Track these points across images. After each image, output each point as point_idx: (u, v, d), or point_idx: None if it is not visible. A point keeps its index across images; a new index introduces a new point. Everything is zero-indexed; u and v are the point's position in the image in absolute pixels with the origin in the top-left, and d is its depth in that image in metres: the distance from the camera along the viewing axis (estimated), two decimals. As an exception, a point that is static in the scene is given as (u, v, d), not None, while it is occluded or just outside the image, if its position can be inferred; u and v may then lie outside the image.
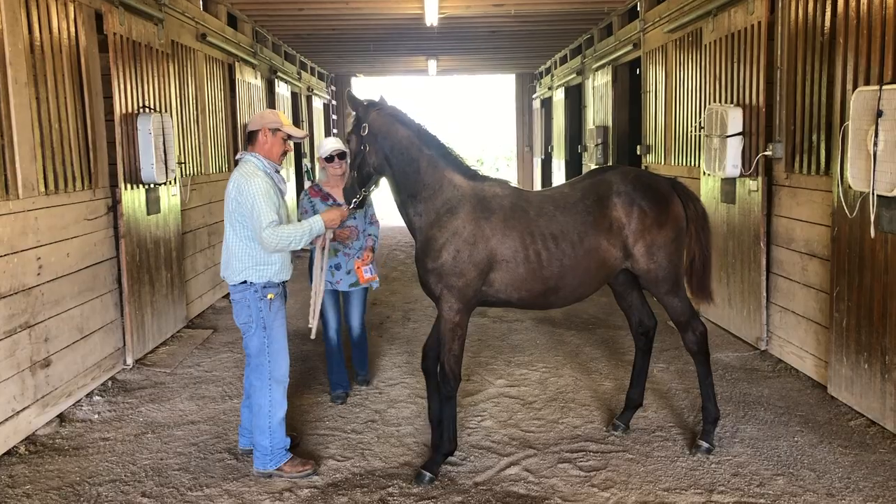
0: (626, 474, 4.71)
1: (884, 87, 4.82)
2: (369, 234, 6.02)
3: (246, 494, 4.56)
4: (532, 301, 4.84)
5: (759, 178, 7.07)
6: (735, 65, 7.56)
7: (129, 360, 7.13)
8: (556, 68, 18.27)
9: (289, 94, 15.43)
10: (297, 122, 16.28)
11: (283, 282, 4.87)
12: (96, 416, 5.96)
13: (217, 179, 10.40)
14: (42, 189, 5.80)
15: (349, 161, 4.91)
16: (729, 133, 7.37)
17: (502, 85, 23.95)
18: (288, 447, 4.83)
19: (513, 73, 22.90)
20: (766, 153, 6.92)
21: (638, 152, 11.32)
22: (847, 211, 5.40)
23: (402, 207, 4.83)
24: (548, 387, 6.38)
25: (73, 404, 6.10)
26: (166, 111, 8.24)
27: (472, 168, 4.92)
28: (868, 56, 5.32)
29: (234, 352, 7.73)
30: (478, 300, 4.78)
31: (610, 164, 12.81)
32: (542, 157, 20.41)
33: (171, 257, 8.33)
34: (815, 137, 6.26)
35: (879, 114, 4.87)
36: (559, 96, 17.60)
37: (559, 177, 17.55)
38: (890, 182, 4.80)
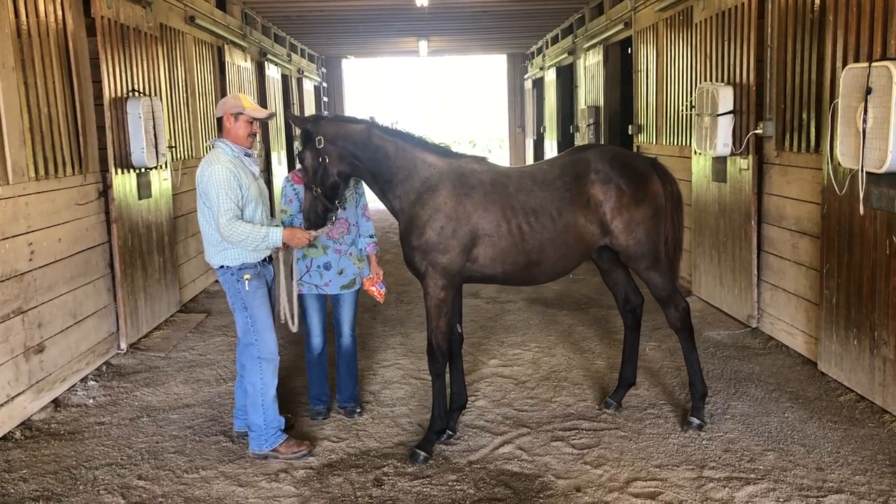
0: (619, 451, 4.75)
1: (873, 65, 4.83)
2: (369, 238, 5.37)
3: (242, 476, 4.59)
4: (516, 275, 4.89)
5: (750, 157, 7.09)
6: (726, 43, 7.56)
7: (123, 345, 7.14)
8: (547, 48, 18.21)
9: (279, 77, 15.34)
10: (287, 105, 16.19)
11: (262, 261, 4.87)
12: (91, 401, 5.98)
13: (208, 163, 10.36)
14: (32, 174, 5.79)
15: (307, 180, 4.81)
16: (720, 112, 7.38)
17: (494, 66, 23.84)
18: (283, 427, 4.86)
19: (504, 54, 22.83)
20: (756, 131, 6.93)
21: (630, 132, 11.32)
22: (837, 188, 5.43)
23: (382, 195, 4.87)
24: (541, 366, 6.42)
25: (68, 389, 6.11)
26: (155, 95, 8.20)
27: (443, 146, 4.98)
28: (857, 33, 5.33)
29: (228, 335, 7.75)
30: (462, 276, 4.81)
31: (602, 144, 12.81)
32: (535, 137, 20.38)
33: (164, 242, 8.32)
34: (805, 115, 6.28)
35: (869, 91, 4.88)
36: (551, 76, 17.56)
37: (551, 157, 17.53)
38: (879, 159, 4.82)
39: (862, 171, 4.98)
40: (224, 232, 4.55)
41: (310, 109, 19.22)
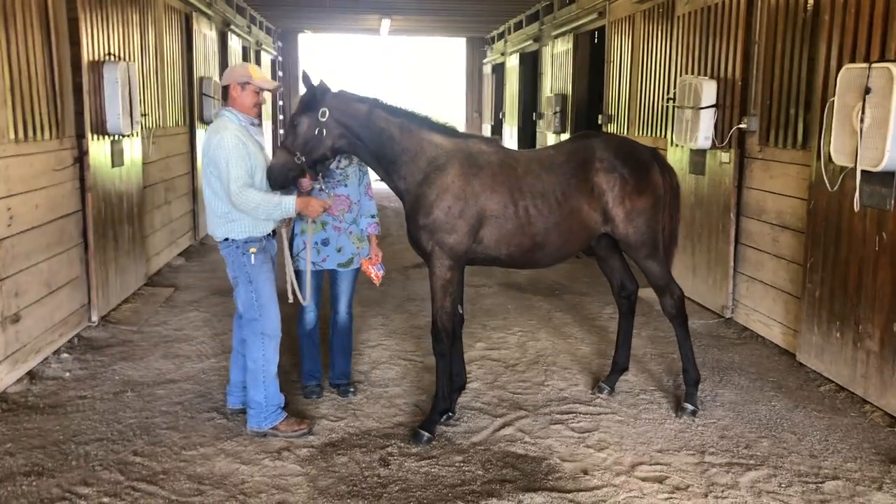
0: (619, 436, 4.82)
1: (872, 66, 4.96)
2: (371, 218, 5.27)
3: (243, 454, 4.50)
4: (520, 257, 4.88)
5: (732, 151, 7.23)
6: (710, 38, 7.67)
7: (95, 317, 6.91)
8: (509, 34, 18.21)
9: (240, 49, 14.99)
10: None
11: (267, 234, 4.77)
12: (67, 374, 5.77)
13: (175, 133, 10.09)
14: (12, 136, 5.52)
15: (291, 143, 4.64)
16: (703, 105, 7.49)
17: (452, 49, 23.75)
18: (283, 405, 4.77)
19: (464, 37, 22.73)
20: (741, 126, 7.07)
21: (599, 121, 11.42)
22: (828, 185, 5.57)
23: (387, 177, 4.81)
24: (527, 350, 6.45)
25: (42, 361, 5.89)
26: (131, 60, 7.92)
27: (450, 126, 4.94)
28: (854, 34, 5.46)
29: (201, 311, 7.57)
30: (468, 257, 4.79)
31: (568, 132, 12.90)
32: (492, 123, 20.41)
33: (133, 213, 8.07)
34: (792, 112, 6.42)
35: (867, 91, 5.01)
36: (513, 62, 17.57)
37: (510, 144, 17.59)
38: (875, 157, 4.95)
39: (857, 169, 5.12)
40: (235, 199, 4.43)
41: (266, 84, 18.81)
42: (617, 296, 5.50)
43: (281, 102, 21.23)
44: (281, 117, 20.88)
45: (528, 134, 16.45)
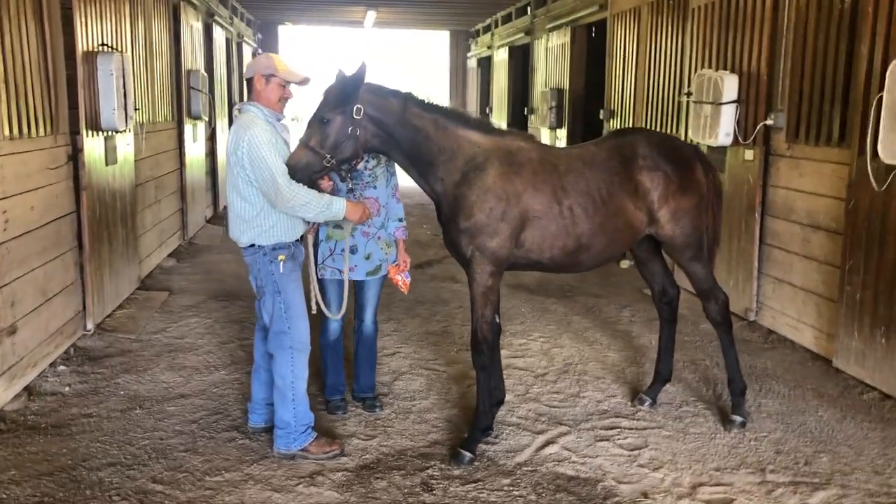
0: (671, 453, 4.53)
1: (932, 60, 4.72)
2: (398, 222, 4.94)
3: (272, 479, 4.14)
4: (563, 260, 4.58)
5: (756, 148, 6.98)
6: (731, 31, 7.41)
7: (90, 326, 6.48)
8: (496, 27, 17.89)
9: (224, 40, 14.52)
10: (228, 69, 15.32)
11: (296, 240, 4.41)
12: (67, 389, 5.36)
13: (163, 129, 9.63)
14: (7, 133, 5.09)
15: (319, 143, 4.17)
16: (723, 100, 7.23)
17: (434, 42, 23.38)
18: (312, 425, 4.41)
19: (447, 31, 22.35)
20: (767, 122, 6.82)
21: (600, 116, 11.14)
22: (875, 184, 5.33)
23: (422, 178, 4.45)
24: (553, 358, 6.15)
25: (38, 375, 5.47)
26: (123, 51, 7.47)
27: (485, 122, 4.62)
28: (904, 27, 5.22)
29: (201, 316, 7.17)
30: (509, 262, 4.48)
31: (564, 127, 12.63)
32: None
33: (126, 212, 7.63)
34: (827, 108, 6.18)
35: (924, 87, 4.78)
36: (502, 56, 17.25)
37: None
38: (933, 157, 4.72)
39: (913, 168, 4.88)
40: (286, 194, 4.05)
41: (248, 77, 18.30)
42: (658, 302, 5.21)
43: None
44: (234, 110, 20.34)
45: (518, 129, 16.12)
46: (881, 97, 5.16)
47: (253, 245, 4.27)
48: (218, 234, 11.62)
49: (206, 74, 11.61)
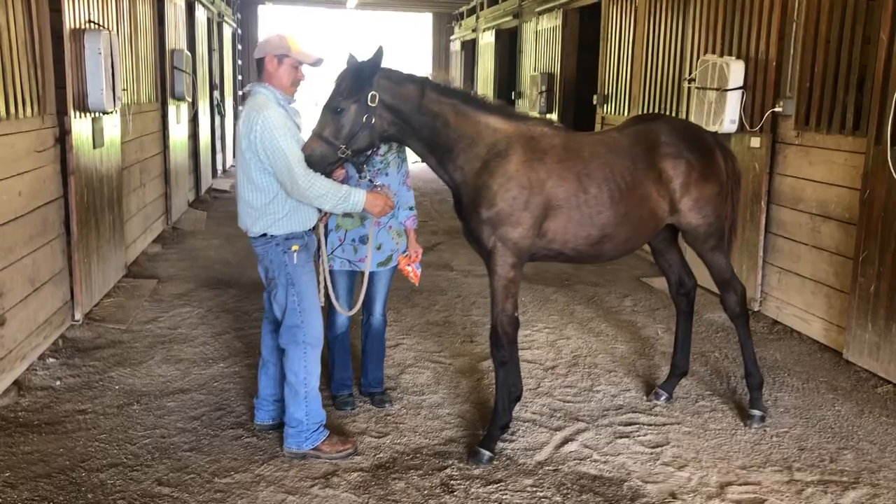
0: (694, 450, 4.40)
1: (960, 47, 4.60)
2: (409, 210, 4.72)
3: (285, 481, 3.94)
4: (586, 250, 4.41)
5: (763, 136, 6.86)
6: (737, 15, 7.26)
7: (78, 315, 6.22)
8: (482, 10, 17.64)
9: (205, 20, 14.14)
10: (209, 50, 14.93)
11: (310, 229, 4.21)
12: (58, 383, 5.11)
13: (148, 110, 9.31)
14: (-6, 113, 4.82)
15: (333, 133, 3.96)
16: (729, 87, 7.09)
17: (417, 25, 23.07)
18: (325, 423, 4.22)
19: (430, 13, 22.04)
20: (776, 109, 6.69)
21: (594, 101, 10.98)
22: (894, 174, 5.21)
23: (440, 167, 4.25)
24: (561, 350, 6.00)
25: (27, 369, 5.22)
26: (111, 29, 7.16)
27: (506, 107, 4.43)
28: (926, 13, 5.09)
29: (192, 305, 6.92)
30: (530, 254, 4.31)
31: (555, 112, 12.46)
32: (462, 101, 19.81)
33: (113, 197, 7.35)
34: (841, 95, 6.06)
35: (950, 74, 4.66)
36: (488, 39, 17.01)
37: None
38: (960, 147, 4.61)
39: (937, 158, 4.77)
40: (302, 184, 3.83)
41: (228, 57, 17.92)
42: (675, 293, 5.07)
43: (241, 77, 20.28)
44: (241, 92, 19.95)
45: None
46: (903, 85, 5.04)
47: (265, 235, 4.04)
48: (202, 218, 11.33)
49: (189, 54, 11.27)
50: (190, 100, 11.52)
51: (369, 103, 3.99)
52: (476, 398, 5.04)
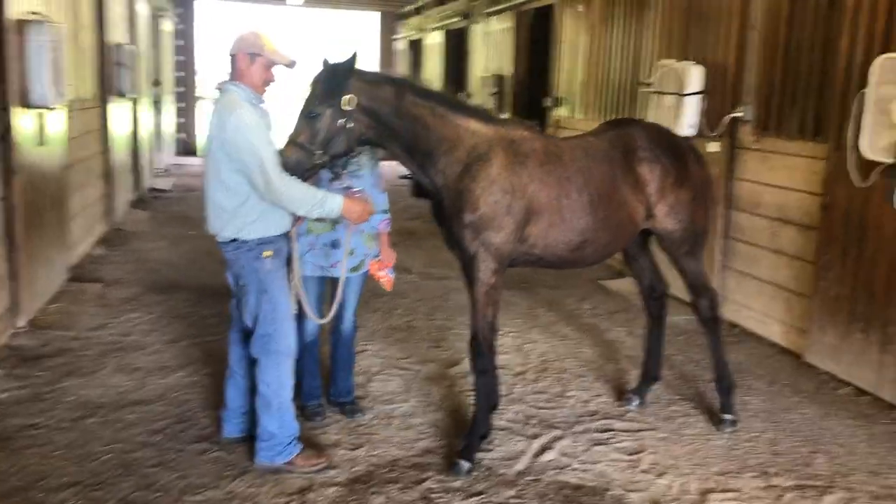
0: (671, 457, 4.38)
1: (925, 57, 4.69)
2: (383, 214, 4.56)
3: (259, 497, 3.77)
4: (567, 255, 4.36)
5: (723, 140, 6.92)
6: (696, 21, 7.33)
7: (22, 322, 5.91)
8: (429, 9, 17.53)
9: (147, 13, 13.68)
10: (150, 45, 14.45)
11: (283, 234, 4.04)
12: (5, 395, 4.82)
13: (90, 106, 8.94)
14: (-65, 108, 4.50)
15: (308, 139, 3.83)
16: (688, 91, 7.14)
17: (363, 24, 22.76)
18: (298, 435, 4.06)
19: (378, 12, 21.81)
20: (736, 114, 6.76)
21: (547, 104, 10.98)
22: (857, 180, 5.29)
23: (421, 171, 4.13)
24: (528, 354, 5.94)
25: (-30, 380, 4.91)
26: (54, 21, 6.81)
27: (484, 110, 4.36)
28: (888, 21, 5.18)
29: (142, 311, 6.64)
30: (510, 259, 4.23)
31: (506, 113, 12.43)
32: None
33: (56, 197, 7.00)
34: (801, 102, 6.14)
35: (916, 83, 4.75)
36: (436, 39, 16.92)
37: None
38: (925, 154, 4.70)
39: (902, 165, 4.85)
40: (277, 188, 3.67)
41: (167, 52, 17.42)
42: (647, 298, 5.06)
43: (182, 73, 19.75)
44: (182, 89, 19.48)
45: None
46: (864, 93, 5.12)
47: (235, 239, 3.86)
48: (144, 219, 10.94)
49: (132, 49, 10.87)
50: (132, 97, 11.13)
51: (345, 107, 3.85)
52: (448, 406, 4.93)
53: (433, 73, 17.09)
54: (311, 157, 3.82)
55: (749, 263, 6.76)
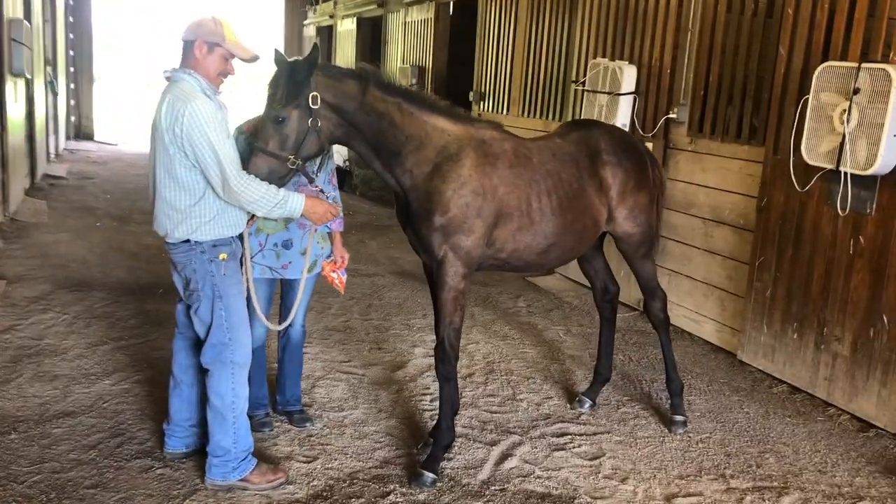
0: (630, 461, 4.36)
1: (867, 66, 4.82)
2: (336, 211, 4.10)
3: (214, 519, 3.51)
4: (531, 260, 4.29)
5: (657, 141, 7.00)
6: (630, 21, 7.37)
7: (-79, 325, 5.35)
8: (341, -4, 17.16)
9: (41, -12, 12.79)
10: (43, 20, 13.52)
11: (237, 235, 3.78)
12: None
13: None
14: None
15: (278, 146, 3.60)
16: (622, 91, 7.20)
17: (267, 6, 22.11)
18: (252, 450, 3.80)
19: (283, -4, 21.21)
20: (671, 116, 6.84)
21: (470, 98, 10.88)
22: (797, 184, 5.42)
23: (386, 170, 3.94)
24: (473, 356, 5.83)
25: None
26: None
27: (453, 108, 4.20)
28: (828, 31, 5.32)
29: (56, 311, 6.17)
30: (477, 263, 4.11)
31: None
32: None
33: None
34: (736, 105, 6.26)
35: (856, 91, 4.88)
36: (348, 27, 16.56)
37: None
38: (865, 160, 4.82)
39: (843, 171, 4.98)
40: (235, 188, 3.40)
41: (62, 30, 16.38)
42: (600, 300, 5.05)
43: (72, 53, 18.64)
44: (72, 69, 18.37)
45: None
46: (806, 99, 5.24)
47: (188, 241, 3.56)
48: (43, 209, 10.22)
49: (28, 25, 10.11)
50: (28, 76, 10.37)
51: (311, 105, 3.61)
52: (400, 412, 4.77)
53: (346, 61, 16.72)
54: (284, 164, 3.58)
55: (681, 263, 6.87)
